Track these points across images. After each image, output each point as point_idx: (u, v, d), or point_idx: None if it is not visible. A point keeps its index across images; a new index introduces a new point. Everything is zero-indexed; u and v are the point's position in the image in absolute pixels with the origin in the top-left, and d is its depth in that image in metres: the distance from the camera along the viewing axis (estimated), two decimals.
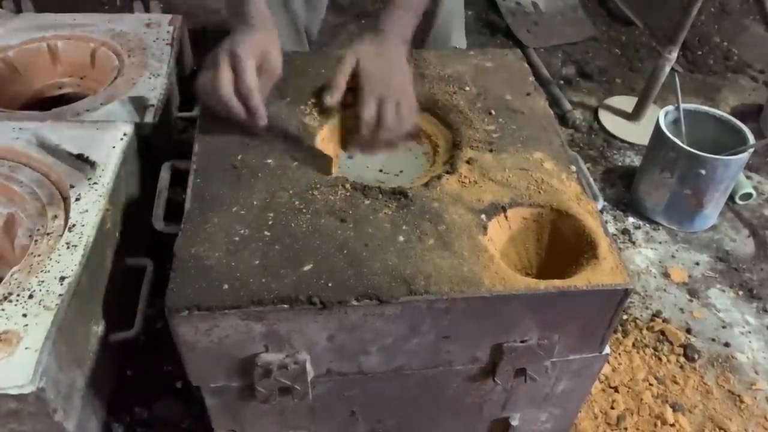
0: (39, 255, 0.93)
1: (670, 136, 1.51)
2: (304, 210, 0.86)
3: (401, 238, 0.83)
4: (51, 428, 0.86)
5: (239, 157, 0.93)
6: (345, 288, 0.76)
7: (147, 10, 1.75)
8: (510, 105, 1.07)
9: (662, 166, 1.54)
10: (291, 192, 0.88)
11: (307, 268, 0.78)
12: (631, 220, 1.64)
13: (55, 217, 0.99)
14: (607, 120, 1.94)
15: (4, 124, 1.12)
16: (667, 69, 1.78)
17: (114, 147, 1.10)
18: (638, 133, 1.88)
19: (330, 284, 0.77)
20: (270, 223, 0.83)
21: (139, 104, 1.20)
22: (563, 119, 1.90)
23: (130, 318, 1.01)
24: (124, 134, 1.12)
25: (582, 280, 0.81)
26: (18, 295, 0.87)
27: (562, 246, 0.90)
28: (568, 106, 1.94)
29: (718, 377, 1.30)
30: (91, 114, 1.18)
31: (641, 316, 1.40)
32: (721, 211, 1.64)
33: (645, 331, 1.36)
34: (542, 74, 2.06)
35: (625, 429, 1.19)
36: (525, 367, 0.88)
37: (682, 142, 1.51)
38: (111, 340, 1.02)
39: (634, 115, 1.93)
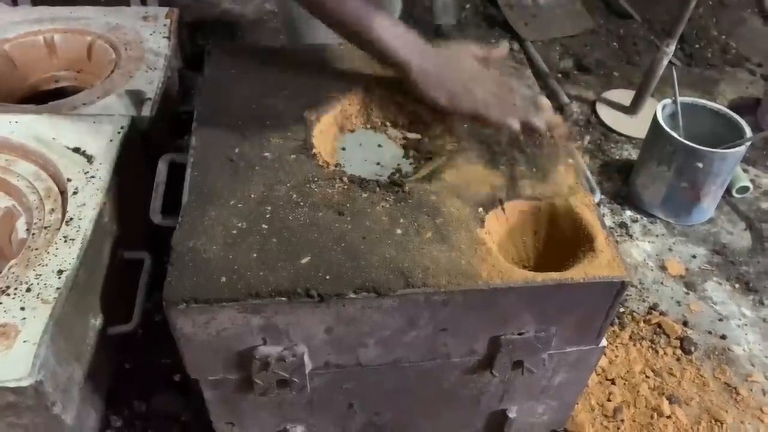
0: (36, 248, 0.93)
1: (668, 129, 1.51)
2: (301, 203, 0.85)
3: (399, 231, 0.83)
4: (49, 421, 0.86)
5: (236, 151, 0.93)
6: (343, 281, 0.76)
7: (144, 2, 1.75)
8: None
9: (659, 160, 1.54)
10: (288, 185, 0.88)
11: (304, 261, 0.78)
12: (628, 213, 1.64)
13: (53, 210, 0.99)
14: (605, 113, 1.94)
15: (1, 117, 1.12)
16: (665, 62, 1.78)
17: (111, 140, 1.10)
18: (636, 126, 1.88)
19: (328, 277, 0.77)
20: (267, 216, 0.83)
21: (137, 98, 1.20)
22: (561, 112, 1.89)
23: (128, 311, 1.01)
24: (122, 128, 1.12)
25: (579, 272, 0.81)
26: (16, 289, 0.87)
27: (559, 239, 0.90)
28: (565, 99, 1.94)
29: (714, 370, 1.30)
30: (88, 107, 1.17)
31: (638, 308, 1.40)
32: (718, 205, 1.65)
33: (642, 324, 1.37)
34: (540, 67, 2.05)
35: (622, 421, 1.19)
36: (522, 359, 0.88)
37: (680, 136, 1.51)
38: (109, 334, 1.02)
39: (631, 109, 1.93)
